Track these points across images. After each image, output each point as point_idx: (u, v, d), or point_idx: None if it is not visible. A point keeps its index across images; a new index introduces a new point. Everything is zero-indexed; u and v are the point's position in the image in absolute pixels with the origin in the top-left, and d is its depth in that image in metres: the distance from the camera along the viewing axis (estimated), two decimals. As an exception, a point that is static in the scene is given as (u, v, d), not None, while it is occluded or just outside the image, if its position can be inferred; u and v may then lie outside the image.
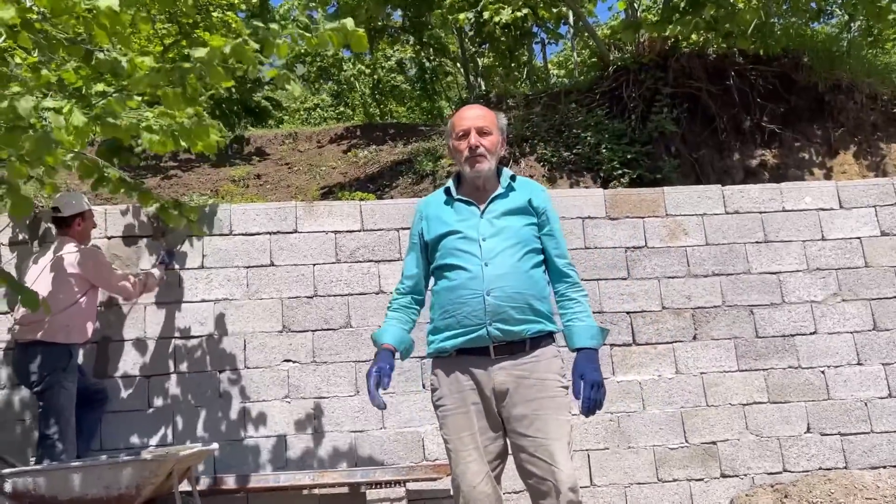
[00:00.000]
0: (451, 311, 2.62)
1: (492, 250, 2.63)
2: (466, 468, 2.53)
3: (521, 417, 2.54)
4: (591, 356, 2.61)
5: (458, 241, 2.67)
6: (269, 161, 9.02)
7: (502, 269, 2.60)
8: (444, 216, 2.75)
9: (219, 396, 4.67)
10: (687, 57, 7.24)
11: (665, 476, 4.76)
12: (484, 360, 2.60)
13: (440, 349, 2.66)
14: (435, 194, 2.89)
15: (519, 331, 2.58)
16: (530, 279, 2.63)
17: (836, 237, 5.21)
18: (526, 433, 2.52)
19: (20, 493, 3.50)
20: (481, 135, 2.70)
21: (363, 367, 4.77)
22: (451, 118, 2.88)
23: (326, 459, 4.63)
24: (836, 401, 4.93)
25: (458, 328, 2.60)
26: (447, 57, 12.60)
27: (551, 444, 2.48)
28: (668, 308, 5.03)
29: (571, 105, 7.38)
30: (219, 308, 4.80)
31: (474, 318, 2.58)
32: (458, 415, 2.60)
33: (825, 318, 5.06)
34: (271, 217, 4.98)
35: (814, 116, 7.11)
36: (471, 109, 2.83)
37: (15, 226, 4.76)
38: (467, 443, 2.56)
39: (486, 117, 2.76)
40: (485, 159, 2.69)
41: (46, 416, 4.00)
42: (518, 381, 2.57)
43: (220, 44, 3.52)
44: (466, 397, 2.60)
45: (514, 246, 2.65)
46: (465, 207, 2.74)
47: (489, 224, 2.68)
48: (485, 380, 2.59)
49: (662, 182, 6.28)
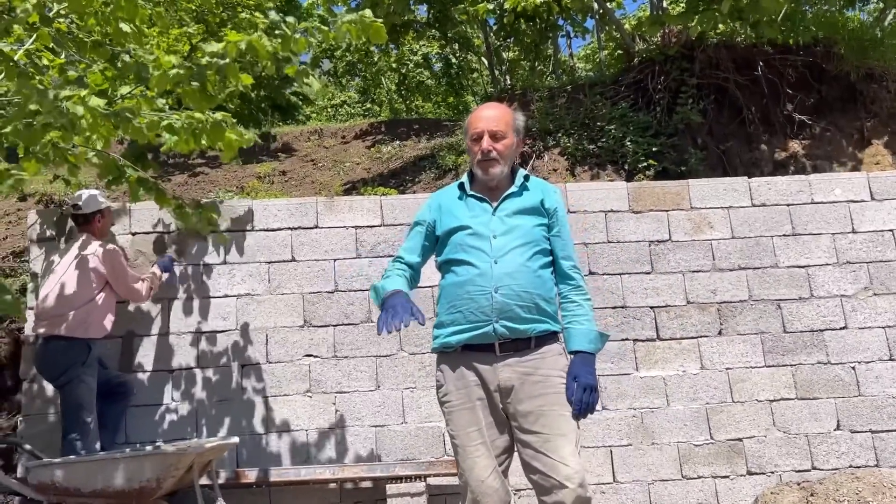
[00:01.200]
0: (458, 306, 2.61)
1: (502, 248, 2.62)
2: (475, 463, 2.53)
3: (527, 414, 2.53)
4: (587, 360, 2.61)
5: (469, 237, 2.67)
6: (295, 157, 9.06)
7: (511, 267, 2.60)
8: (457, 211, 2.75)
9: (241, 391, 4.71)
10: (714, 47, 7.10)
11: (689, 473, 4.68)
12: (489, 357, 2.60)
13: (445, 344, 2.65)
14: (449, 188, 2.88)
15: (525, 329, 2.58)
16: (538, 279, 2.63)
17: (868, 230, 5.08)
18: (532, 429, 2.51)
19: (45, 485, 3.56)
20: (494, 139, 2.69)
21: (384, 362, 4.78)
22: (468, 117, 2.85)
23: (347, 454, 4.64)
24: (866, 397, 4.81)
25: (464, 323, 2.60)
26: (472, 51, 12.54)
27: (557, 440, 2.47)
28: (693, 302, 4.94)
29: (596, 98, 7.29)
30: (241, 303, 4.83)
31: (481, 314, 2.57)
32: (464, 410, 2.59)
33: (856, 313, 4.94)
34: (292, 212, 5.00)
35: (845, 106, 6.93)
36: (486, 110, 2.80)
37: (42, 222, 4.84)
38: (474, 438, 2.56)
39: (502, 119, 2.73)
40: (497, 164, 2.69)
41: (68, 409, 4.07)
42: (523, 377, 2.56)
43: (236, 39, 3.53)
44: (472, 393, 2.59)
45: (524, 245, 2.64)
46: (478, 204, 2.74)
47: (500, 222, 2.68)
48: (490, 376, 2.58)
49: (688, 175, 6.18)
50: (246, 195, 7.25)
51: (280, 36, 3.65)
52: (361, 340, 4.81)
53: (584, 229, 5.02)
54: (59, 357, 4.08)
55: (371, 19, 3.58)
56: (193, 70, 3.49)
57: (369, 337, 4.82)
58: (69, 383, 4.06)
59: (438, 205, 2.82)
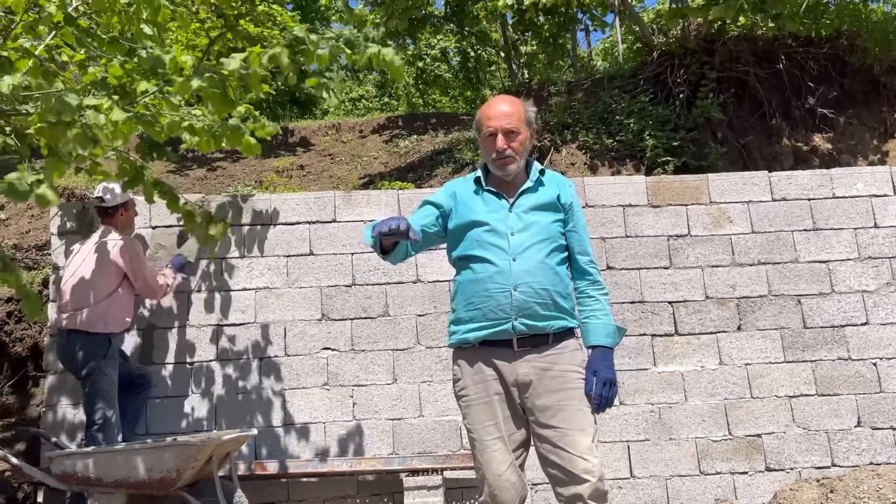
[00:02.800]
0: (477, 303, 2.61)
1: (520, 245, 2.61)
2: (491, 457, 2.53)
3: (545, 408, 2.53)
4: (605, 354, 2.62)
5: (486, 233, 2.65)
6: (313, 151, 9.09)
7: (530, 264, 2.59)
8: (473, 205, 2.72)
9: (259, 384, 4.74)
10: (734, 40, 7.04)
11: (707, 469, 4.66)
12: (507, 352, 2.59)
13: (463, 340, 2.65)
14: (464, 179, 2.85)
15: (543, 326, 2.58)
16: (556, 275, 2.63)
17: (890, 224, 5.02)
18: (550, 423, 2.51)
19: (68, 475, 3.61)
20: (508, 136, 2.65)
21: (401, 356, 4.80)
22: (479, 110, 2.81)
23: (364, 446, 4.67)
24: (888, 394, 4.76)
25: (483, 321, 2.60)
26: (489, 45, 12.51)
27: (575, 435, 2.47)
28: (712, 297, 4.91)
29: (614, 91, 7.25)
30: (260, 296, 4.86)
31: (500, 312, 2.57)
32: (481, 405, 2.59)
33: (878, 309, 4.89)
34: (310, 207, 5.02)
35: (868, 100, 6.85)
36: (497, 106, 2.72)
37: (64, 215, 4.90)
38: (492, 432, 2.56)
39: (514, 115, 2.68)
40: (513, 160, 2.67)
41: (90, 401, 4.12)
42: (541, 372, 2.56)
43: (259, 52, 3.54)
44: (489, 387, 2.59)
45: (541, 242, 2.63)
46: (495, 199, 2.71)
47: (518, 218, 2.67)
48: (507, 371, 2.58)
49: (708, 169, 6.14)
50: (265, 189, 7.29)
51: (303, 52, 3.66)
52: (379, 334, 4.83)
53: (602, 224, 5.00)
54: (79, 350, 4.12)
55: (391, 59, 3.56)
56: (216, 79, 3.50)
57: (386, 330, 4.84)
58: (90, 375, 4.11)
59: (454, 193, 2.79)
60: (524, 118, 2.71)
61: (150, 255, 4.86)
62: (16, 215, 6.55)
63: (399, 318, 4.85)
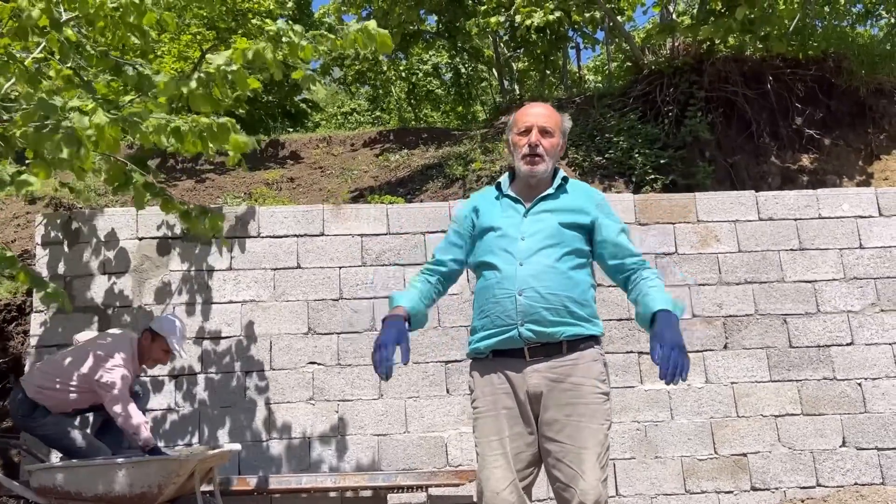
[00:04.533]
0: (487, 310, 2.56)
1: (528, 250, 2.54)
2: (491, 474, 2.45)
3: (553, 422, 2.45)
4: (669, 319, 2.38)
5: (498, 238, 2.60)
6: (303, 164, 9.08)
7: (537, 269, 2.50)
8: (491, 212, 2.68)
9: (244, 397, 4.71)
10: (723, 60, 7.10)
11: (693, 487, 4.65)
12: (519, 363, 2.51)
13: (475, 350, 2.60)
14: (488, 189, 2.82)
15: (552, 332, 2.48)
16: (569, 280, 2.52)
17: (875, 245, 5.06)
18: (556, 438, 2.44)
19: (46, 489, 3.56)
20: (543, 134, 2.61)
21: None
22: (514, 113, 2.78)
23: (349, 462, 4.64)
24: (873, 414, 4.77)
25: (491, 328, 2.53)
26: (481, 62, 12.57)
27: (581, 453, 2.39)
28: (699, 316, 4.93)
29: (604, 109, 7.29)
30: (246, 309, 4.84)
31: (506, 318, 2.50)
32: (488, 418, 2.53)
33: (862, 329, 4.91)
34: (298, 220, 5.01)
35: (854, 121, 6.92)
36: (536, 107, 2.73)
37: (48, 224, 4.87)
38: (495, 447, 2.48)
39: (551, 117, 2.67)
40: (542, 161, 2.61)
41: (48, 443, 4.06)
42: (552, 384, 2.47)
43: (243, 47, 3.55)
44: (498, 401, 2.52)
45: (552, 246, 2.54)
46: (511, 205, 2.67)
47: (531, 223, 2.60)
48: (519, 382, 2.50)
49: (696, 188, 6.17)
50: (254, 201, 7.27)
51: (287, 44, 3.67)
52: (365, 348, 4.81)
53: (590, 241, 5.01)
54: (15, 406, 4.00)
55: (376, 30, 3.60)
56: (202, 78, 3.51)
57: (373, 345, 4.80)
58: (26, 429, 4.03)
59: (474, 206, 2.75)
60: (560, 125, 2.69)
61: (135, 267, 4.83)
62: (1, 224, 6.50)
63: (386, 333, 4.83)
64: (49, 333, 4.64)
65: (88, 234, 4.87)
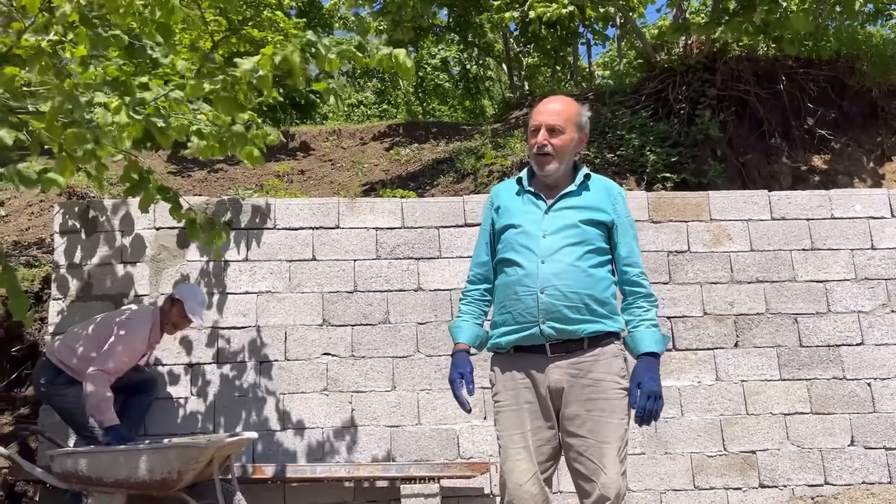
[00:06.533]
0: (508, 307, 2.60)
1: (550, 248, 2.57)
2: (514, 466, 2.52)
3: (574, 417, 2.51)
4: (650, 365, 2.53)
5: (519, 235, 2.63)
6: (313, 157, 9.11)
7: (559, 267, 2.54)
8: (512, 207, 2.70)
9: (258, 387, 4.75)
10: (736, 59, 7.12)
11: (702, 484, 4.70)
12: (540, 359, 2.57)
13: (497, 345, 2.66)
14: (508, 183, 2.84)
15: (574, 330, 2.53)
16: (590, 278, 2.56)
17: (887, 246, 5.08)
18: (577, 433, 2.50)
19: (68, 474, 3.61)
20: (552, 132, 2.62)
21: (400, 363, 4.82)
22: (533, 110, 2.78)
23: (362, 453, 4.68)
24: (882, 414, 4.81)
25: (513, 324, 2.58)
26: (492, 56, 12.58)
27: (601, 447, 2.46)
28: (710, 314, 4.96)
29: (616, 106, 7.31)
30: (261, 300, 4.88)
31: (528, 315, 2.54)
32: (510, 412, 2.58)
33: (873, 329, 4.94)
34: (314, 212, 5.05)
35: (866, 122, 6.94)
36: (549, 103, 2.71)
37: (66, 213, 4.90)
38: (517, 441, 2.54)
39: (562, 113, 2.65)
40: (552, 159, 2.62)
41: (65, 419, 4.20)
42: (573, 380, 2.53)
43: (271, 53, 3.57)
44: (520, 395, 2.57)
45: (575, 244, 2.57)
46: (533, 201, 2.68)
47: (552, 221, 2.62)
48: (540, 378, 2.56)
49: (707, 186, 6.20)
50: (265, 193, 7.31)
51: (315, 55, 3.69)
52: (379, 341, 4.85)
53: (604, 237, 5.04)
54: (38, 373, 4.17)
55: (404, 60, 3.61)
56: (228, 81, 3.53)
57: (386, 338, 4.86)
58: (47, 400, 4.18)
59: (493, 203, 2.79)
60: (574, 119, 2.66)
61: (152, 256, 4.87)
62: (15, 212, 6.55)
63: (399, 326, 4.88)
64: (66, 321, 4.68)
65: (106, 224, 4.91)
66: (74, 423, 4.10)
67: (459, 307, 2.83)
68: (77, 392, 4.04)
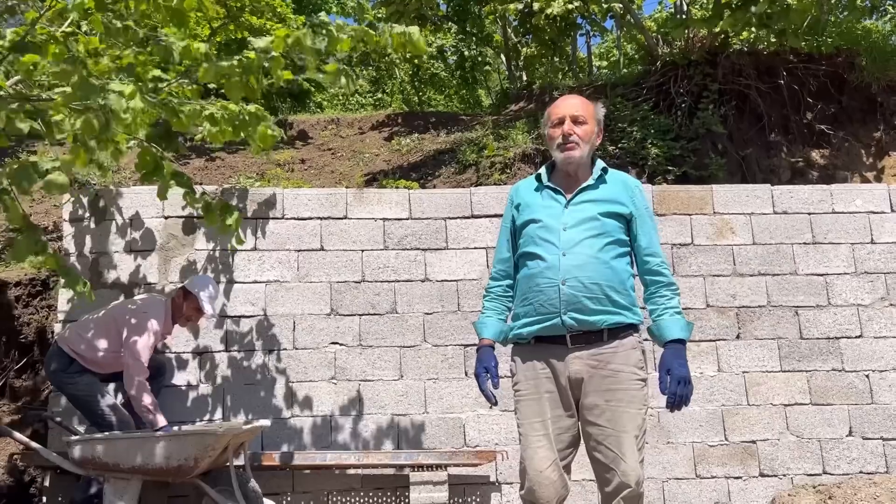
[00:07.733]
0: (530, 298, 2.67)
1: (571, 240, 2.64)
2: (535, 453, 2.60)
3: (593, 407, 2.59)
4: (678, 351, 2.60)
5: (540, 229, 2.70)
6: (312, 146, 9.10)
7: (580, 259, 2.61)
8: (532, 203, 2.78)
9: (267, 376, 4.79)
10: (737, 54, 7.17)
11: (703, 473, 4.79)
12: (561, 349, 2.63)
13: (518, 335, 2.73)
14: (527, 180, 2.92)
15: (595, 321, 2.59)
16: (611, 270, 2.63)
17: (887, 241, 5.17)
18: (596, 422, 2.58)
19: (86, 460, 3.64)
20: (576, 123, 2.72)
21: (408, 353, 4.87)
22: (548, 108, 2.88)
23: (370, 440, 4.74)
24: (879, 405, 4.91)
25: (534, 315, 2.65)
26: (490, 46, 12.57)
27: (620, 436, 2.53)
28: (713, 306, 5.03)
29: (617, 99, 7.35)
30: (270, 289, 4.91)
31: (550, 306, 2.61)
32: (530, 401, 2.66)
33: (872, 322, 5.04)
34: (322, 202, 5.07)
35: (866, 117, 7.02)
36: (568, 99, 2.86)
37: (76, 202, 4.91)
38: (538, 429, 2.62)
39: (583, 106, 2.78)
40: (577, 146, 2.71)
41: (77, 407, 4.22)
42: (593, 370, 2.60)
43: (283, 34, 3.58)
44: (540, 385, 2.65)
45: (595, 237, 2.65)
46: (552, 195, 2.76)
47: (572, 214, 2.69)
48: (560, 368, 2.63)
49: (708, 179, 6.26)
50: (267, 182, 7.31)
51: (327, 34, 3.70)
52: (386, 330, 4.90)
53: (609, 230, 5.10)
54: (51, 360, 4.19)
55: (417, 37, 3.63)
56: (243, 62, 3.54)
57: (394, 327, 4.91)
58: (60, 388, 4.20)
59: (513, 201, 2.88)
60: (593, 114, 2.79)
61: (161, 245, 4.89)
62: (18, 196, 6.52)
63: (407, 316, 4.92)
64: (76, 310, 4.69)
65: (115, 212, 4.92)
66: (87, 412, 4.12)
67: (483, 303, 2.90)
68: (88, 381, 4.08)
